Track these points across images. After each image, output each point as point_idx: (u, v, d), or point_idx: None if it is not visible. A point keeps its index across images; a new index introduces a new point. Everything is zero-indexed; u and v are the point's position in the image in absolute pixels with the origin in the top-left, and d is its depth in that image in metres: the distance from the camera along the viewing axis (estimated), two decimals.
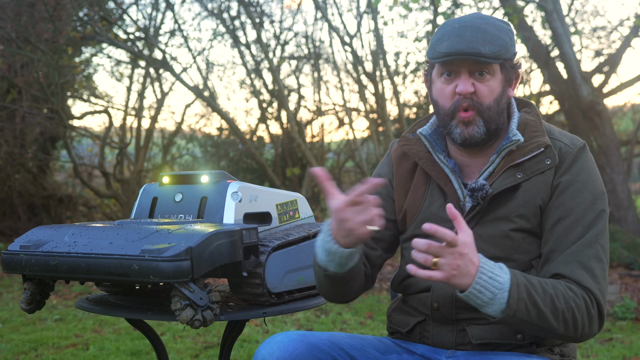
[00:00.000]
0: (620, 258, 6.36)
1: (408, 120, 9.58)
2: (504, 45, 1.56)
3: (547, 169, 1.58)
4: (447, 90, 1.60)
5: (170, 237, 1.68)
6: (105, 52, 10.18)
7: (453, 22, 1.60)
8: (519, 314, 1.43)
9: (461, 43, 1.54)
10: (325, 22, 9.17)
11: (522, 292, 1.43)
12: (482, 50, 1.53)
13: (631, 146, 8.66)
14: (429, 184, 1.70)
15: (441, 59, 1.56)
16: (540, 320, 1.45)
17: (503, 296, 1.41)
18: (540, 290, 1.46)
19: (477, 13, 1.63)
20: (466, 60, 1.55)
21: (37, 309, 1.95)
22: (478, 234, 1.58)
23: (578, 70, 7.17)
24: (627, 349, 4.08)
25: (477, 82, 1.57)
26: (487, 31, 1.55)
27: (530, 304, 1.43)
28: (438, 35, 1.59)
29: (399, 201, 1.74)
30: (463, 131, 1.58)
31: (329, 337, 1.62)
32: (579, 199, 1.56)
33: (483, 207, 1.59)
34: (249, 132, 11.12)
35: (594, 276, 1.51)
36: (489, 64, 1.56)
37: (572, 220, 1.54)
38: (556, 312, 1.45)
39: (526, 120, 1.65)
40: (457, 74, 1.58)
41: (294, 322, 4.83)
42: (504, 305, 1.42)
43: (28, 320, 4.90)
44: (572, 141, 1.62)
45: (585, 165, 1.59)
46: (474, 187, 1.58)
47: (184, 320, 1.67)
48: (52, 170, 10.77)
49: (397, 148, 1.77)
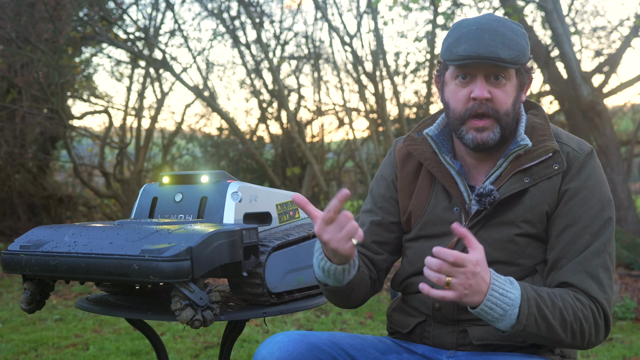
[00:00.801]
0: (620, 258, 6.36)
1: (408, 120, 9.58)
2: (522, 50, 1.53)
3: (555, 175, 1.56)
4: (462, 93, 1.57)
5: (170, 237, 1.68)
6: (105, 52, 10.19)
7: (469, 23, 1.56)
8: (528, 328, 1.43)
9: (480, 46, 1.50)
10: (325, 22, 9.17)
11: (532, 306, 1.43)
12: (501, 55, 1.50)
13: (631, 146, 8.67)
14: (434, 185, 1.68)
15: (460, 61, 1.52)
16: (549, 333, 1.45)
17: (514, 312, 1.41)
18: (550, 303, 1.45)
19: (491, 15, 1.60)
20: (483, 64, 1.52)
21: (37, 309, 1.95)
22: (483, 237, 1.57)
23: (578, 70, 7.17)
24: (627, 349, 4.08)
25: (493, 88, 1.55)
26: (506, 35, 1.53)
27: (540, 318, 1.43)
28: (454, 36, 1.56)
29: (404, 202, 1.72)
30: (476, 136, 1.56)
31: (329, 337, 1.62)
32: (587, 206, 1.54)
33: (489, 212, 1.58)
34: (249, 132, 11.12)
35: (602, 286, 1.50)
36: (507, 68, 1.54)
37: (580, 227, 1.53)
38: (564, 324, 1.45)
39: (534, 123, 1.63)
40: (473, 77, 1.55)
41: (294, 322, 4.83)
42: (514, 321, 1.42)
43: (28, 320, 4.90)
44: (579, 146, 1.60)
45: (594, 171, 1.58)
46: (481, 192, 1.56)
47: (184, 320, 1.66)
48: (52, 170, 10.77)
49: (401, 147, 1.75)
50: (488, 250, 1.56)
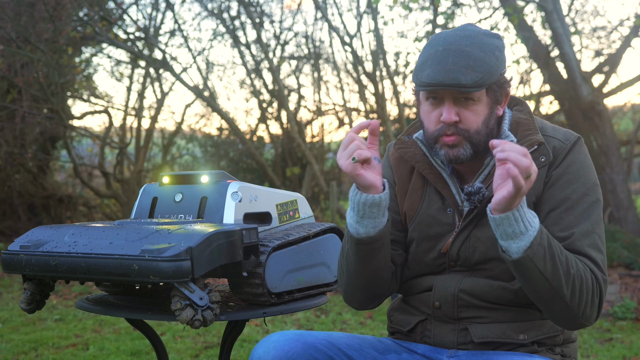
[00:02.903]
0: (620, 258, 6.36)
1: (408, 120, 9.58)
2: (487, 70, 1.51)
3: (542, 167, 1.57)
4: (433, 115, 1.58)
5: (170, 237, 1.68)
6: (105, 52, 10.19)
7: (438, 42, 1.56)
8: (536, 260, 1.41)
9: (441, 72, 1.50)
10: (325, 22, 9.17)
11: (544, 239, 1.42)
12: (462, 81, 1.49)
13: (631, 146, 8.66)
14: (427, 187, 1.69)
15: (423, 88, 1.53)
16: (553, 275, 1.43)
17: (531, 234, 1.40)
18: (559, 249, 1.45)
19: (465, 28, 1.58)
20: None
21: (37, 309, 1.94)
22: (477, 236, 1.59)
23: (578, 70, 7.17)
24: (627, 349, 4.08)
25: (462, 109, 1.55)
26: (471, 55, 1.51)
27: (548, 255, 1.42)
28: (422, 58, 1.56)
29: (400, 203, 1.74)
30: (448, 152, 1.57)
31: (326, 336, 1.62)
32: (569, 190, 1.55)
33: (481, 210, 1.59)
34: (249, 132, 11.13)
35: (596, 263, 1.50)
36: (470, 92, 1.53)
37: (562, 210, 1.54)
38: (568, 274, 1.44)
39: (518, 119, 1.64)
40: (441, 100, 1.56)
41: (294, 322, 4.83)
42: (529, 244, 1.40)
43: (28, 320, 4.90)
44: (565, 136, 1.61)
45: (577, 157, 1.58)
46: (470, 190, 1.57)
47: (184, 320, 1.66)
48: (52, 170, 10.78)
49: (394, 151, 1.76)
50: (482, 248, 1.57)
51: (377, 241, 1.59)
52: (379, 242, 1.59)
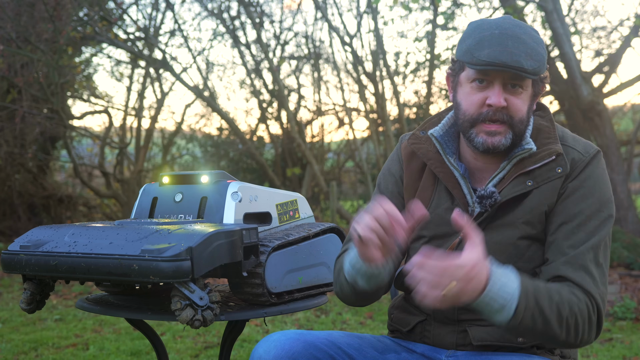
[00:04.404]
0: (620, 258, 6.36)
1: (408, 120, 9.58)
2: (542, 60, 1.51)
3: (557, 178, 1.55)
4: (477, 97, 1.54)
5: (170, 237, 1.68)
6: (105, 52, 10.20)
7: (490, 26, 1.53)
8: (525, 322, 1.41)
9: (504, 53, 1.47)
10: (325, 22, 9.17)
11: (531, 300, 1.41)
12: (525, 65, 1.47)
13: (631, 146, 8.66)
14: (437, 185, 1.67)
15: (482, 67, 1.49)
16: (545, 327, 1.44)
17: (511, 306, 1.39)
18: (547, 297, 1.44)
19: (510, 18, 1.57)
20: (503, 72, 1.50)
21: (37, 309, 1.95)
22: (484, 240, 1.57)
23: (578, 70, 7.17)
24: (627, 349, 4.08)
25: (510, 95, 1.53)
26: (528, 44, 1.50)
27: (537, 313, 1.42)
28: (475, 38, 1.52)
29: (408, 199, 1.71)
30: (486, 140, 1.54)
31: (327, 335, 1.62)
32: (583, 204, 1.53)
33: (491, 214, 1.57)
34: (249, 132, 11.13)
35: (595, 281, 1.49)
36: (527, 79, 1.52)
37: (575, 225, 1.52)
38: (560, 319, 1.44)
39: (540, 125, 1.62)
40: (490, 83, 1.53)
41: (294, 322, 4.83)
42: (512, 313, 1.40)
43: (28, 320, 4.90)
44: (585, 148, 1.58)
45: (595, 171, 1.56)
46: (483, 194, 1.55)
47: (184, 320, 1.66)
48: (52, 170, 10.78)
49: (406, 145, 1.73)
50: (489, 252, 1.56)
51: (376, 289, 1.61)
52: (377, 287, 1.61)
